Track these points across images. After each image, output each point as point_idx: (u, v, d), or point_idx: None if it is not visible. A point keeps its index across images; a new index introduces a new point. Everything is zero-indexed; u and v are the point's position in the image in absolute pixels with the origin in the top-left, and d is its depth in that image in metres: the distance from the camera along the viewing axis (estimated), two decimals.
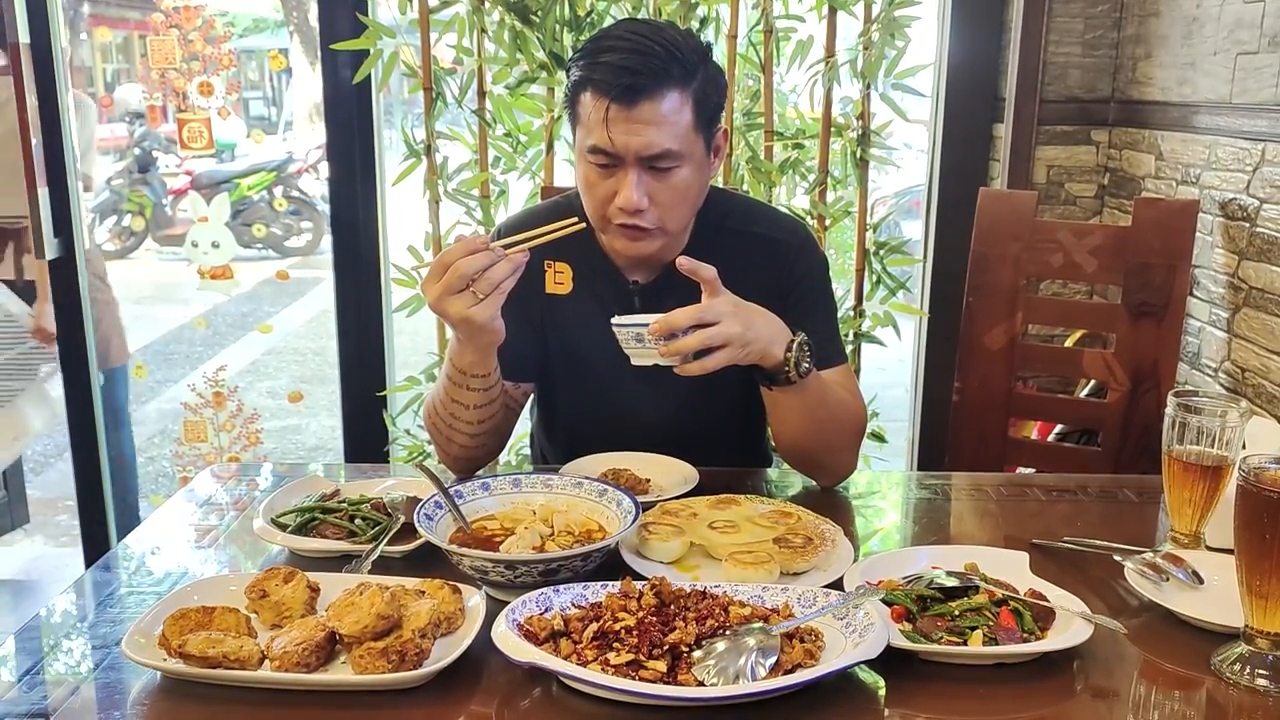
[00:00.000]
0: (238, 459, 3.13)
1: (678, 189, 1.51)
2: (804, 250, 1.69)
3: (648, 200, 1.49)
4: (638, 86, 1.44)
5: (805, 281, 1.68)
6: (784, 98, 2.70)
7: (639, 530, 1.33)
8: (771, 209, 1.90)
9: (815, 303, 1.68)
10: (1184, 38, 2.43)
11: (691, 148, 1.51)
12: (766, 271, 1.64)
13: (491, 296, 1.36)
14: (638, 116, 1.45)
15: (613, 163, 1.49)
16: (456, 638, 1.12)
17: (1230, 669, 1.10)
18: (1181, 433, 1.35)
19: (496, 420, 1.60)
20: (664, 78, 1.45)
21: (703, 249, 1.53)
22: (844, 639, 1.09)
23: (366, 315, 2.84)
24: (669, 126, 1.47)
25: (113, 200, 5.68)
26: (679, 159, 1.49)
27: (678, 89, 1.47)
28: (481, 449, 1.63)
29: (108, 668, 1.12)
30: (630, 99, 1.44)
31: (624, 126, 1.45)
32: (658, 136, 1.46)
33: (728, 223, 1.68)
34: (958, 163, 2.82)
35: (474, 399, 1.53)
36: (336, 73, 2.69)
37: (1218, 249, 2.30)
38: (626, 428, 1.68)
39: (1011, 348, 2.24)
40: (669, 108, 1.46)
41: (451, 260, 1.35)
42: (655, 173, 1.49)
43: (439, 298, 1.37)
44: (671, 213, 1.53)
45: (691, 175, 1.52)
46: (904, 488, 1.72)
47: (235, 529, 1.51)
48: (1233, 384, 2.26)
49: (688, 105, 1.48)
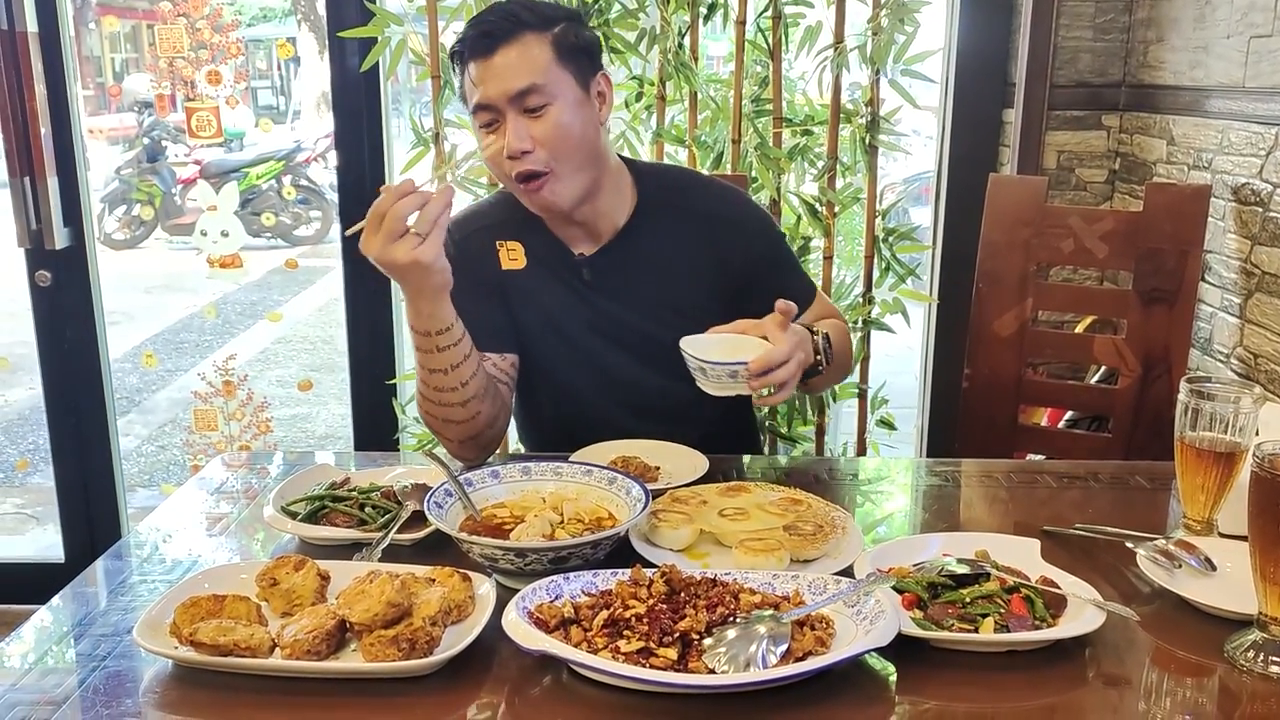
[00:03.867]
0: (248, 447, 3.13)
1: (558, 126, 1.57)
2: (752, 221, 1.79)
3: (530, 141, 1.56)
4: (493, 34, 1.56)
5: (768, 252, 1.78)
6: (792, 84, 2.69)
7: (649, 518, 1.33)
8: (705, 177, 1.99)
9: (782, 262, 1.79)
10: (1196, 21, 2.41)
11: (558, 85, 1.57)
12: (720, 241, 1.72)
13: (433, 233, 1.39)
14: (497, 62, 1.56)
15: (494, 117, 1.58)
16: (467, 625, 1.12)
17: (1244, 656, 1.09)
18: (1195, 419, 1.34)
19: (482, 382, 1.58)
20: (516, 25, 1.57)
21: (652, 225, 1.63)
22: (855, 626, 1.09)
23: (376, 303, 2.83)
24: (527, 63, 1.56)
25: (122, 190, 5.68)
26: (548, 95, 1.56)
27: (532, 32, 1.57)
28: (481, 419, 1.60)
29: (119, 656, 1.13)
30: (487, 48, 1.56)
31: (487, 75, 1.56)
32: (516, 75, 1.55)
33: (669, 194, 1.75)
34: (967, 148, 2.80)
35: (449, 358, 1.52)
36: (344, 61, 2.68)
37: (1230, 234, 2.29)
38: (605, 386, 1.74)
39: (1021, 334, 2.23)
40: (524, 48, 1.56)
41: (386, 208, 1.38)
42: (531, 114, 1.57)
43: (382, 247, 1.39)
44: (558, 150, 1.58)
45: (568, 114, 1.58)
46: (913, 474, 1.71)
47: (246, 517, 1.51)
48: (1245, 370, 2.25)
49: (545, 45, 1.57)
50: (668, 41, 2.46)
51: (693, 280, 1.72)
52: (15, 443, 4.94)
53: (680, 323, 1.56)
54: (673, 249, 1.69)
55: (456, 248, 1.73)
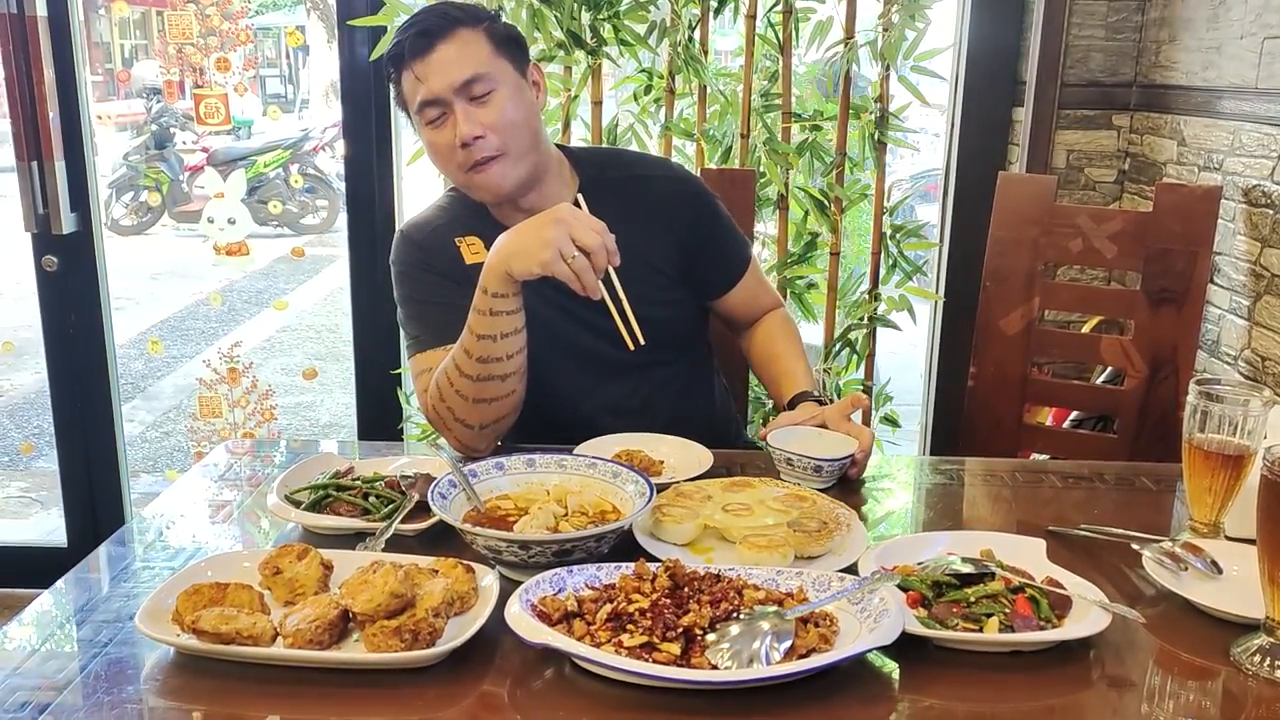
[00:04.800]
0: (252, 435, 3.14)
1: (503, 110, 1.63)
2: (688, 183, 1.86)
3: (480, 127, 1.61)
4: (430, 32, 1.61)
5: (706, 215, 1.84)
6: (801, 79, 2.68)
7: (653, 512, 1.33)
8: (637, 152, 2.10)
9: (719, 225, 1.85)
10: (1209, 21, 2.40)
11: (499, 71, 1.63)
12: (666, 210, 1.79)
13: (585, 272, 1.44)
14: (438, 58, 1.61)
15: (441, 111, 1.62)
16: (469, 617, 1.11)
17: (1250, 660, 1.09)
18: (1203, 421, 1.33)
19: (523, 363, 1.59)
20: (450, 22, 1.62)
21: (597, 201, 1.63)
22: (859, 624, 1.08)
23: (381, 293, 2.83)
24: (467, 55, 1.61)
25: (129, 176, 5.68)
26: (491, 81, 1.62)
27: (466, 28, 1.63)
28: (513, 400, 1.60)
29: (121, 642, 1.13)
30: (425, 46, 1.61)
31: (430, 70, 1.61)
32: (459, 66, 1.60)
33: (608, 172, 1.81)
34: (976, 146, 2.79)
35: (501, 325, 1.52)
36: (353, 50, 2.68)
37: (1239, 236, 2.28)
38: (575, 367, 1.77)
39: (1028, 333, 2.22)
40: (462, 42, 1.62)
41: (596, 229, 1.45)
42: (476, 102, 1.62)
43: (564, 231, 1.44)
44: (507, 133, 1.63)
45: (511, 98, 1.64)
46: (918, 472, 1.71)
47: (249, 505, 1.51)
48: (1252, 372, 2.24)
49: (480, 37, 1.63)
50: (678, 35, 2.45)
51: (648, 246, 1.75)
52: (20, 426, 4.95)
53: (641, 290, 1.62)
54: (620, 216, 1.66)
55: (419, 249, 1.76)
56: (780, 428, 1.61)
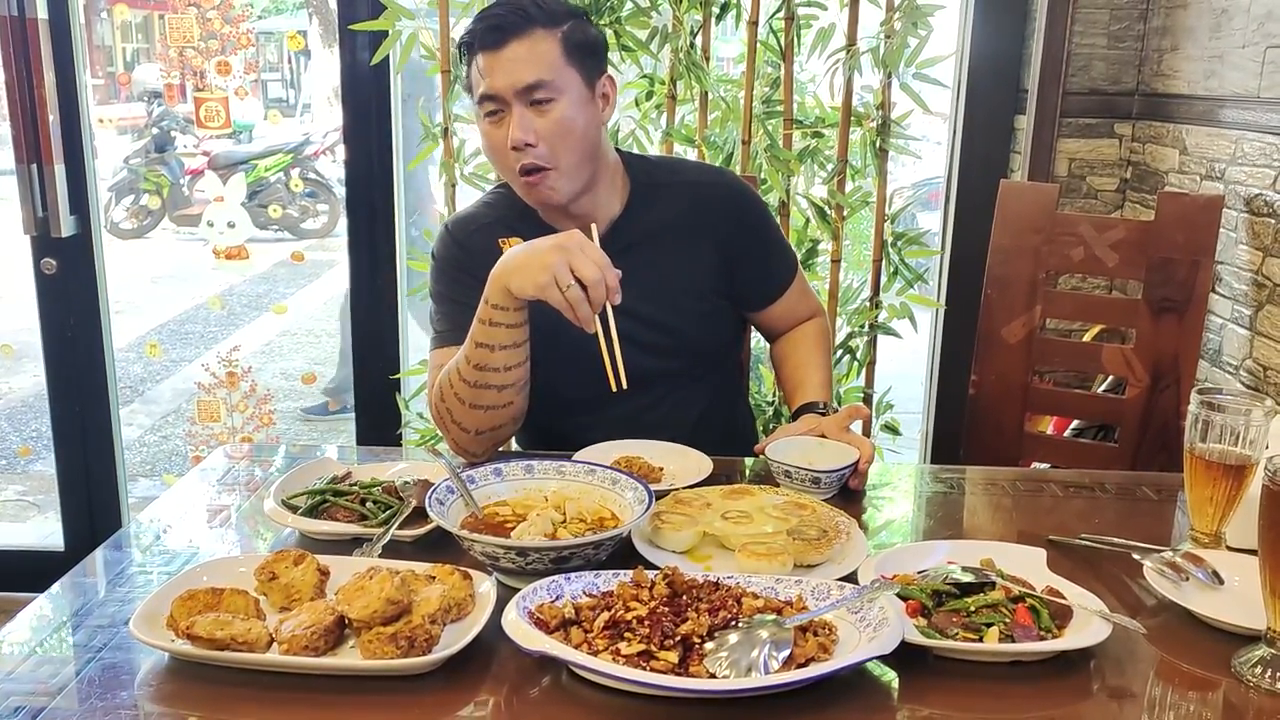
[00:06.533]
0: (250, 439, 3.13)
1: (561, 123, 1.60)
2: (743, 192, 1.84)
3: (534, 134, 1.59)
4: (503, 27, 1.58)
5: (751, 226, 1.82)
6: (803, 86, 2.68)
7: (651, 519, 1.32)
8: (686, 160, 2.08)
9: (764, 237, 1.84)
10: (1212, 30, 2.39)
11: (565, 81, 1.60)
12: (710, 219, 1.77)
13: (582, 305, 1.43)
14: (506, 55, 1.58)
15: (499, 108, 1.60)
16: (466, 624, 1.11)
17: (1251, 671, 1.08)
18: (1205, 431, 1.33)
19: (523, 375, 1.58)
20: (526, 20, 1.58)
21: (646, 207, 1.68)
22: (858, 633, 1.08)
23: (381, 298, 2.83)
24: (536, 58, 1.58)
25: (129, 179, 5.68)
26: (554, 90, 1.59)
27: (541, 28, 1.59)
28: (512, 410, 1.59)
29: (115, 647, 1.12)
30: (497, 41, 1.58)
31: (496, 66, 1.58)
32: (526, 68, 1.57)
33: (657, 178, 1.78)
34: (978, 154, 2.79)
35: (501, 337, 1.52)
36: (355, 54, 2.68)
37: (1241, 245, 2.27)
38: (600, 378, 1.71)
39: (1029, 341, 2.22)
40: (534, 43, 1.58)
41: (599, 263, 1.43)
42: (536, 108, 1.59)
43: (564, 257, 1.43)
44: (560, 146, 1.61)
45: (573, 110, 1.61)
46: (918, 481, 1.70)
47: (247, 510, 1.50)
48: (1254, 382, 2.24)
49: (554, 41, 1.60)
50: (679, 40, 2.45)
51: (688, 255, 1.75)
52: (18, 430, 4.94)
53: (676, 297, 1.66)
54: (667, 227, 1.73)
55: (459, 247, 1.74)
56: (778, 439, 1.60)
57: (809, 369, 1.83)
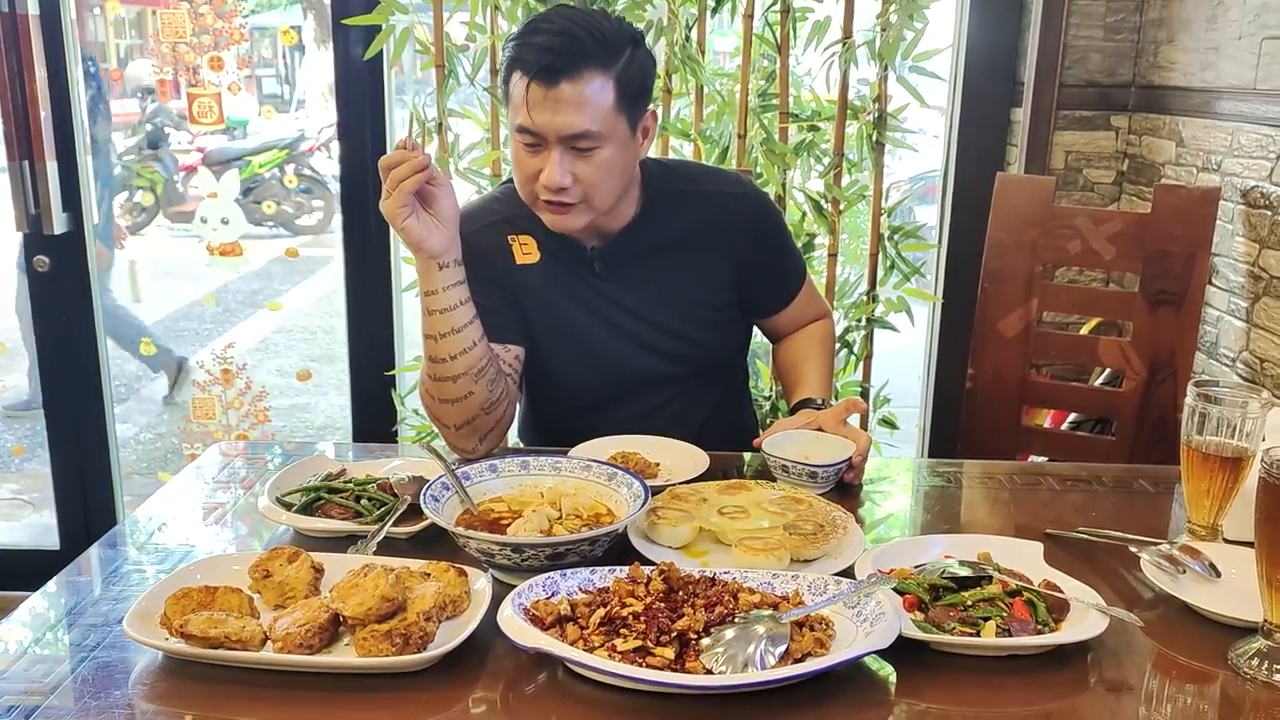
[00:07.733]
0: (245, 437, 3.12)
1: (600, 167, 1.55)
2: (758, 203, 1.81)
3: (571, 178, 1.54)
4: (558, 67, 1.48)
5: (765, 237, 1.79)
6: (799, 79, 2.67)
7: (648, 515, 1.32)
8: (709, 166, 2.05)
9: (778, 247, 1.82)
10: (1208, 22, 2.39)
11: (612, 129, 1.54)
12: (725, 229, 1.74)
13: (395, 192, 1.42)
14: (557, 96, 1.49)
15: (538, 141, 1.53)
16: (462, 621, 1.10)
17: (1248, 664, 1.08)
18: (1201, 423, 1.32)
19: (474, 362, 1.55)
20: (584, 59, 1.49)
21: (661, 214, 1.66)
22: (855, 628, 1.07)
23: (376, 294, 2.82)
24: (588, 107, 1.50)
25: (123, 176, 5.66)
26: (599, 139, 1.53)
27: (599, 70, 1.51)
28: (475, 401, 1.56)
29: (110, 646, 1.12)
30: (550, 79, 1.49)
31: (544, 106, 1.50)
32: (576, 117, 1.50)
33: (674, 185, 1.74)
34: (974, 147, 2.79)
35: (437, 325, 1.52)
36: (348, 50, 2.67)
37: (1238, 237, 2.27)
38: (610, 380, 1.75)
39: (1026, 335, 2.21)
40: (588, 89, 1.50)
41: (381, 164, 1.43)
42: (577, 152, 1.53)
43: (381, 200, 1.45)
44: (595, 189, 1.57)
45: (614, 155, 1.56)
46: (915, 475, 1.70)
47: (241, 507, 1.50)
48: (1251, 374, 2.24)
49: (609, 87, 1.52)
50: (675, 34, 2.44)
51: (703, 265, 1.74)
52: (12, 428, 4.92)
53: (690, 307, 1.66)
54: (680, 232, 1.71)
55: (465, 243, 1.72)
56: (775, 434, 1.60)
57: (809, 366, 1.83)
